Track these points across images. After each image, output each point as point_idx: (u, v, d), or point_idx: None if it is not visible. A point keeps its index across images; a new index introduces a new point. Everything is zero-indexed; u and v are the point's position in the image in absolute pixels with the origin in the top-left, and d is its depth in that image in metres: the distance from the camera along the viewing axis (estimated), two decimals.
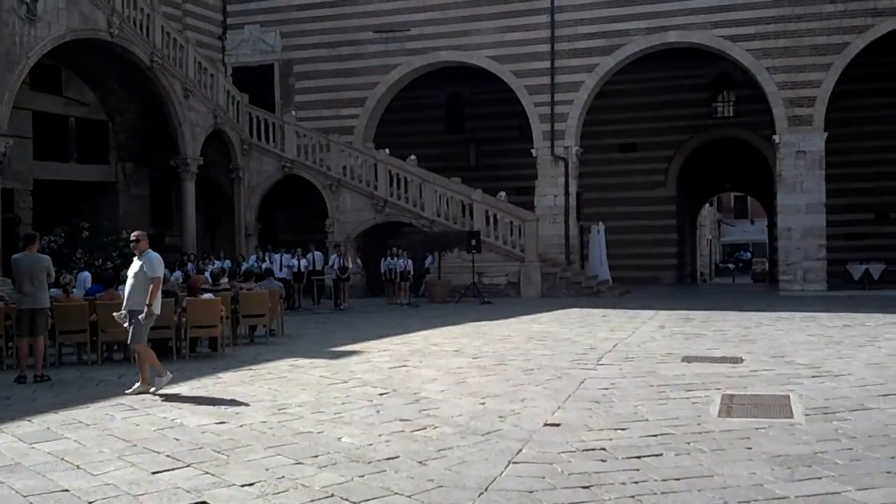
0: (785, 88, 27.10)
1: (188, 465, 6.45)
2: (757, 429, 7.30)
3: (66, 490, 5.83)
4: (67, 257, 22.03)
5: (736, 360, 11.58)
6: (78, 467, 6.46)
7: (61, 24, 21.91)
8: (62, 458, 6.74)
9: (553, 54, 29.02)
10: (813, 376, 10.14)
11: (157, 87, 25.66)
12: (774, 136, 27.48)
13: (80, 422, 8.30)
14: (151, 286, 10.07)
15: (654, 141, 34.37)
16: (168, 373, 10.30)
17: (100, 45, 23.72)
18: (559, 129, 29.18)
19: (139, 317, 10.07)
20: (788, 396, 8.79)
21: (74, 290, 15.07)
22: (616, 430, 7.37)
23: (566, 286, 26.74)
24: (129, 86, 26.04)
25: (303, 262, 25.06)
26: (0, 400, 9.87)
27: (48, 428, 8.02)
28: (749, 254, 65.29)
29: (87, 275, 19.29)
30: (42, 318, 11.54)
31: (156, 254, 10.43)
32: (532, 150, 29.53)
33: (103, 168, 27.11)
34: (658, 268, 34.72)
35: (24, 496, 5.70)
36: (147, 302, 10.04)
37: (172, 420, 8.30)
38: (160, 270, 10.22)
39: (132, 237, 10.68)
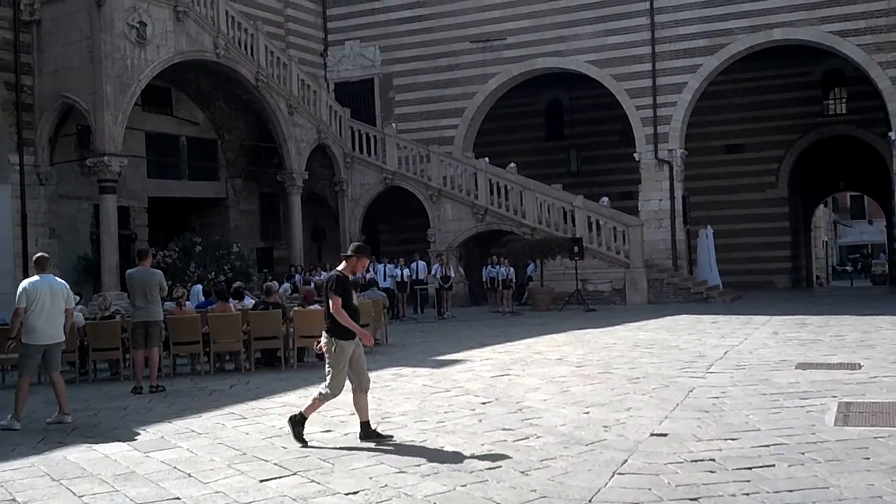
0: None
1: (294, 473, 6.56)
2: (876, 438, 6.95)
3: (178, 498, 6.01)
4: (182, 271, 22.82)
5: (854, 367, 11.07)
6: (189, 475, 6.65)
7: (170, 46, 22.77)
8: (175, 467, 6.95)
9: (654, 56, 28.51)
10: None
11: (262, 105, 26.38)
12: (890, 133, 26.25)
13: (193, 431, 8.56)
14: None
15: (763, 141, 33.36)
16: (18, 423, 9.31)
17: (207, 65, 24.57)
18: (662, 132, 28.62)
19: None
20: None
21: (188, 302, 15.56)
22: (726, 440, 7.13)
23: (674, 292, 26.18)
24: (236, 104, 26.87)
25: (406, 271, 25.31)
26: (117, 410, 10.28)
27: (162, 437, 8.29)
28: (883, 255, 61.17)
29: (199, 288, 19.97)
30: (156, 331, 11.97)
31: (28, 280, 9.76)
32: (634, 155, 29.06)
33: (214, 184, 28.02)
34: (771, 272, 33.63)
35: None
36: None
37: (280, 429, 8.46)
38: (20, 300, 9.49)
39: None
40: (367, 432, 7.70)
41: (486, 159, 28.40)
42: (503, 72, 30.64)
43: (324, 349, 7.82)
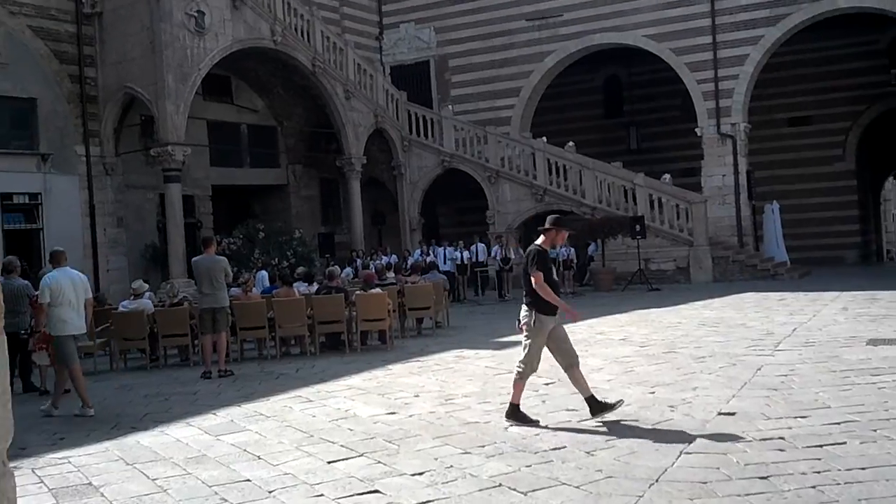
0: None
1: (361, 455, 6.63)
2: None
3: (248, 480, 6.12)
4: (246, 258, 23.18)
5: None
6: (259, 458, 6.77)
7: (227, 34, 23.01)
8: (244, 450, 7.08)
9: (714, 28, 27.94)
10: None
11: (319, 91, 26.54)
12: None
13: (261, 414, 8.71)
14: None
15: (829, 113, 32.47)
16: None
17: (265, 52, 24.77)
18: (724, 105, 28.09)
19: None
20: None
21: (254, 288, 15.81)
22: (796, 418, 7.00)
23: (740, 269, 25.73)
24: (294, 91, 27.09)
25: (466, 254, 25.29)
26: (187, 395, 10.51)
27: (232, 420, 8.45)
28: None
29: (264, 274, 20.25)
30: (223, 316, 12.19)
31: (48, 275, 9.99)
32: (696, 130, 28.58)
33: (275, 171, 28.34)
34: (840, 247, 32.79)
35: (210, 486, 6.02)
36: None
37: (346, 411, 8.57)
38: (44, 295, 9.74)
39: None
40: (593, 407, 7.33)
41: (544, 139, 28.20)
42: (559, 49, 30.33)
43: (523, 323, 7.50)
